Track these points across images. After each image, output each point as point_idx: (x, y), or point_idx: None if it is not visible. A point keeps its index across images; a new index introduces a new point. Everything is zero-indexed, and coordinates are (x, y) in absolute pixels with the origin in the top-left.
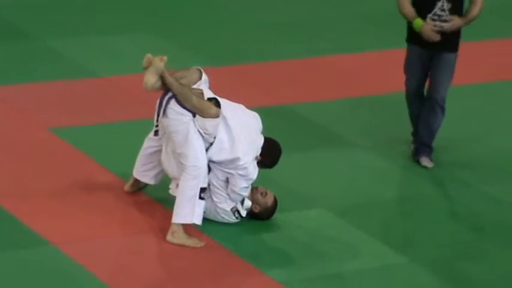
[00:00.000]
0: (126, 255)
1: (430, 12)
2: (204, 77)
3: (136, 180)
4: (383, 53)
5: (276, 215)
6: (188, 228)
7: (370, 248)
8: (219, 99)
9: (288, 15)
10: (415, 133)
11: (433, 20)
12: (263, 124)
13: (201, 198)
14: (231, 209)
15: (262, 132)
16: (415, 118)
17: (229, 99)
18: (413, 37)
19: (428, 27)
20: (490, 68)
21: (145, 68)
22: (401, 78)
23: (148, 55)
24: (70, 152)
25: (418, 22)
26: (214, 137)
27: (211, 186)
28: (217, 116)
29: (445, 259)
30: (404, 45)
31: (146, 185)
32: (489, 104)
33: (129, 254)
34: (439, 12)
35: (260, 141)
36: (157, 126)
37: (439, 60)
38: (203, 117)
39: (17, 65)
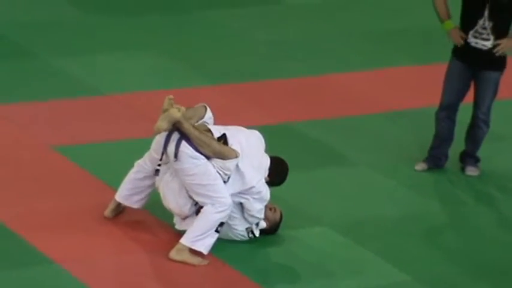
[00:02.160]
0: (129, 273)
1: (472, 29)
2: (209, 114)
3: (119, 205)
4: (384, 71)
5: (279, 233)
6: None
7: (374, 266)
8: (225, 131)
9: (289, 34)
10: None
11: (475, 37)
12: (265, 142)
13: (216, 231)
14: (246, 229)
15: (265, 151)
16: (438, 139)
17: (230, 118)
18: (458, 52)
19: (456, 32)
20: None
21: (164, 111)
22: (402, 96)
23: (170, 96)
24: (73, 170)
25: (448, 24)
26: (229, 177)
27: None
28: (236, 157)
29: (448, 277)
30: (405, 63)
31: (124, 208)
32: None
33: (132, 271)
34: (480, 30)
35: (267, 161)
36: (159, 165)
37: (482, 78)
38: (224, 160)
39: (20, 83)
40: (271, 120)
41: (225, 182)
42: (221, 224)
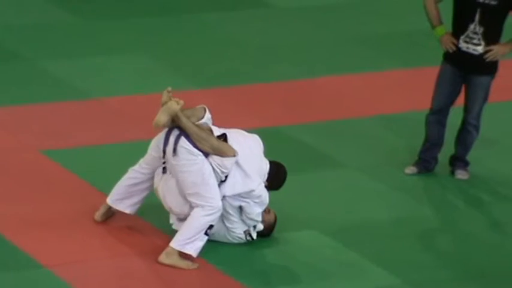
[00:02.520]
0: (120, 277)
1: (463, 33)
2: (208, 115)
3: (109, 209)
4: (375, 75)
5: (270, 237)
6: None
7: (363, 269)
8: (226, 133)
9: (280, 38)
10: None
11: (466, 42)
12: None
13: (206, 234)
14: (244, 232)
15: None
16: (429, 143)
17: (221, 121)
18: (449, 56)
19: (448, 38)
20: None
21: (163, 103)
22: (394, 100)
23: (169, 88)
24: (61, 174)
25: (440, 30)
26: (226, 176)
27: (224, 213)
28: (235, 156)
29: (438, 281)
30: (396, 67)
31: (115, 212)
32: None
33: (123, 276)
34: (471, 35)
35: (266, 166)
36: (164, 163)
37: (473, 83)
38: (222, 157)
39: (9, 87)
40: (262, 124)
41: (223, 181)
42: (210, 227)
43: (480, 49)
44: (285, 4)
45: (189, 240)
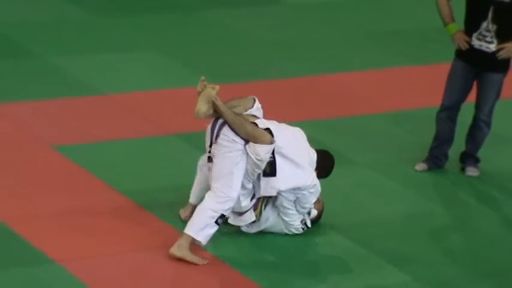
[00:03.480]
0: (131, 273)
1: (475, 31)
2: (257, 105)
3: (194, 207)
4: (385, 71)
5: (279, 234)
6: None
7: (374, 266)
8: (271, 126)
9: (289, 34)
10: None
11: (479, 39)
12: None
13: (216, 223)
14: (301, 222)
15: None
16: (439, 139)
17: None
18: (461, 53)
19: (460, 36)
20: None
21: (199, 93)
22: (404, 96)
23: (203, 78)
24: (73, 170)
25: (452, 28)
26: (275, 169)
27: (281, 209)
28: (271, 143)
29: (449, 278)
30: (406, 63)
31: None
32: None
33: (134, 271)
34: (484, 33)
35: (314, 155)
36: (210, 152)
37: (485, 80)
38: (256, 143)
39: (20, 83)
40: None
41: (273, 175)
42: (222, 216)
43: (493, 47)
44: (295, 1)
45: (201, 227)
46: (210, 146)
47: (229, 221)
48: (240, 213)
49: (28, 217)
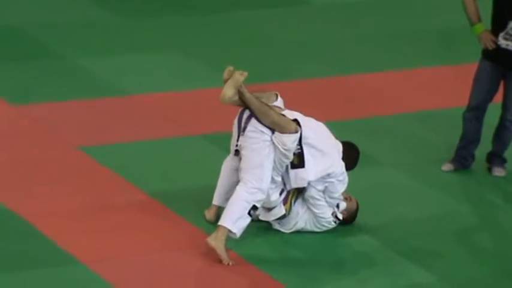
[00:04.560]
0: (155, 273)
1: (502, 31)
2: (280, 99)
3: (218, 208)
4: (412, 72)
5: (304, 234)
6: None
7: (399, 266)
8: (298, 116)
9: (316, 34)
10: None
11: (505, 39)
12: None
13: (249, 214)
14: (332, 214)
15: None
16: (465, 140)
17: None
18: (488, 53)
19: (487, 36)
20: None
21: (225, 81)
22: (430, 96)
23: (230, 67)
24: (99, 171)
25: (479, 27)
26: (303, 160)
27: (311, 200)
28: (296, 132)
29: (475, 279)
30: (433, 63)
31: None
32: None
33: (158, 271)
34: (510, 32)
35: (339, 146)
36: (237, 146)
37: None
38: (282, 133)
39: (46, 84)
40: None
41: (301, 166)
42: (254, 208)
43: None
44: (321, 1)
45: (235, 218)
46: (237, 139)
47: (260, 216)
48: (270, 209)
49: (54, 217)
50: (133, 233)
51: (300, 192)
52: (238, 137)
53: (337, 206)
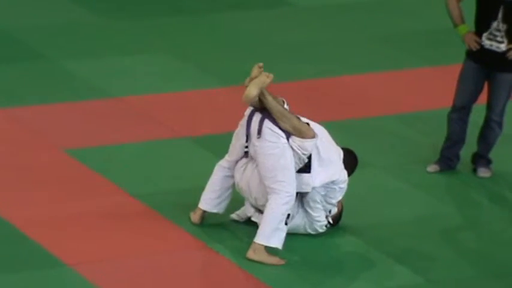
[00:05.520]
0: (142, 276)
1: (486, 31)
2: (286, 106)
3: (204, 212)
4: (397, 73)
5: (292, 235)
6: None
7: (387, 268)
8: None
9: (301, 36)
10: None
11: (489, 39)
12: None
13: (285, 223)
14: (326, 218)
15: None
16: (451, 140)
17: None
18: (472, 54)
19: (470, 37)
20: None
21: (252, 79)
22: (416, 98)
23: (260, 64)
24: (85, 173)
25: (462, 28)
26: (309, 166)
27: (311, 203)
28: (314, 137)
29: (462, 280)
30: (418, 65)
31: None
32: None
33: (145, 274)
34: (494, 32)
35: (341, 152)
36: (246, 147)
37: (496, 80)
38: (302, 138)
39: (32, 86)
40: None
41: (307, 171)
42: (288, 216)
43: (503, 46)
44: (306, 3)
45: (273, 233)
46: (247, 140)
47: (253, 218)
48: (262, 211)
49: (40, 220)
50: (120, 236)
51: (297, 195)
52: (247, 139)
53: (330, 211)
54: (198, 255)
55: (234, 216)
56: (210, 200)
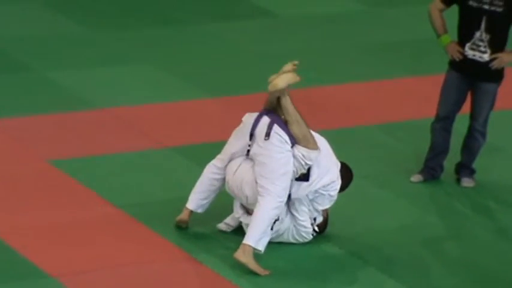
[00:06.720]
0: (126, 286)
1: (469, 41)
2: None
3: (191, 212)
4: (380, 83)
5: (275, 242)
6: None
7: (369, 277)
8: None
9: (284, 47)
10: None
11: (472, 49)
12: None
13: (271, 229)
14: (311, 225)
15: None
16: (434, 150)
17: (227, 130)
18: (455, 64)
19: (453, 47)
20: None
21: (283, 72)
22: (399, 107)
23: (296, 62)
24: (68, 184)
25: (445, 38)
26: (308, 175)
27: (296, 204)
28: (318, 150)
29: (443, 287)
30: (401, 75)
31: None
32: None
33: (129, 284)
34: (477, 42)
35: (339, 165)
36: (249, 146)
37: (479, 90)
38: (307, 147)
39: (15, 97)
40: None
41: (306, 180)
42: (275, 221)
43: (486, 56)
44: (290, 14)
45: (261, 235)
46: (250, 139)
47: (241, 219)
48: (251, 213)
49: (23, 231)
50: (104, 246)
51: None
52: (251, 137)
53: (315, 219)
54: (182, 266)
55: (221, 226)
56: (197, 201)
